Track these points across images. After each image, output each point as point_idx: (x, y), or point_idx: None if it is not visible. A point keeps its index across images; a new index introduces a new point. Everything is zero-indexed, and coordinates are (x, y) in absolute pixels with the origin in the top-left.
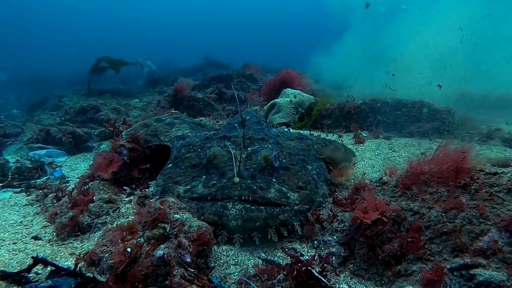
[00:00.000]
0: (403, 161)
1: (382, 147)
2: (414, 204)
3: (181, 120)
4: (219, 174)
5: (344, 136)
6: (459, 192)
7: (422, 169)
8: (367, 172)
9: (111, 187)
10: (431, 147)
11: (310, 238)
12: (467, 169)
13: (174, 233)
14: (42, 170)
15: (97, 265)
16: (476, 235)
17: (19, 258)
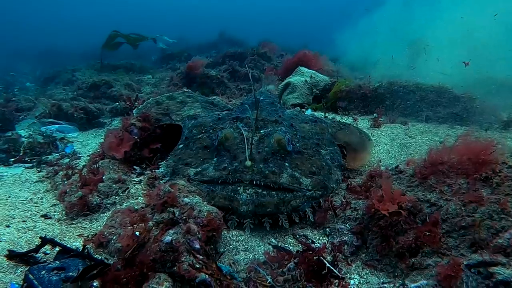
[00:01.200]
0: (419, 148)
1: (398, 132)
2: (432, 195)
3: (194, 99)
4: (231, 157)
5: (360, 120)
6: (480, 185)
7: (441, 159)
8: (382, 158)
9: (121, 166)
10: (449, 134)
11: (322, 225)
12: (489, 161)
13: (183, 218)
14: (54, 146)
15: (105, 247)
16: (496, 231)
17: (27, 237)
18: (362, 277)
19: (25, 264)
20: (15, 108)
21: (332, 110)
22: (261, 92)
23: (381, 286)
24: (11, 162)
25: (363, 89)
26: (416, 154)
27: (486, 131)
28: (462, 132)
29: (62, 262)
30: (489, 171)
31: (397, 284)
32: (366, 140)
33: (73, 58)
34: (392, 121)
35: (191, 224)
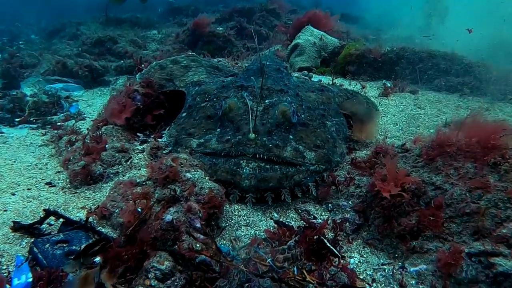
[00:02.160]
0: (428, 120)
1: (407, 102)
2: (437, 178)
3: (198, 63)
4: (234, 128)
5: (368, 87)
6: (488, 171)
7: (449, 141)
8: (390, 130)
9: (125, 133)
10: (459, 105)
11: (324, 200)
12: (499, 146)
13: (184, 195)
14: (59, 105)
15: (108, 219)
16: (500, 221)
17: (32, 206)
18: (362, 256)
19: (30, 236)
20: (20, 64)
21: (341, 74)
22: (267, 57)
23: (381, 267)
24: (16, 122)
25: (373, 53)
26: (424, 127)
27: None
28: (474, 103)
29: (66, 234)
30: (498, 156)
31: (397, 267)
32: (373, 110)
33: (79, 10)
34: (401, 89)
35: (192, 202)
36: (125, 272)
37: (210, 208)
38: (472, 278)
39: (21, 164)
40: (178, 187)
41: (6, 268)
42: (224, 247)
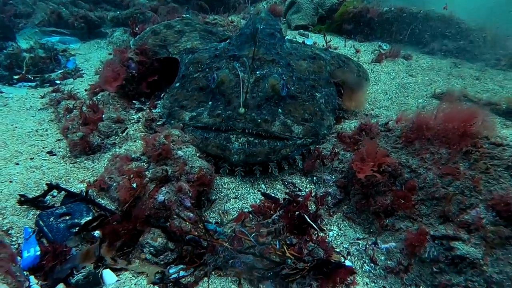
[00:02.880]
0: (418, 89)
1: (399, 69)
2: (413, 161)
3: (192, 27)
4: (225, 101)
5: (362, 51)
6: (460, 158)
7: (427, 125)
8: (379, 99)
9: (121, 100)
10: (451, 73)
11: (310, 173)
12: (472, 134)
13: (175, 175)
14: (56, 60)
15: (106, 191)
16: (464, 207)
17: (36, 177)
18: (341, 229)
19: (35, 208)
20: (13, 13)
21: (337, 32)
22: (261, 19)
23: (356, 241)
24: (15, 80)
25: (371, 12)
26: (413, 97)
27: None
28: (466, 71)
29: (68, 207)
30: (470, 145)
31: (370, 242)
32: (363, 80)
33: None
34: (395, 54)
35: (183, 182)
36: (122, 246)
37: (200, 186)
38: (434, 258)
39: (22, 130)
40: (170, 167)
41: (16, 240)
42: (211, 225)
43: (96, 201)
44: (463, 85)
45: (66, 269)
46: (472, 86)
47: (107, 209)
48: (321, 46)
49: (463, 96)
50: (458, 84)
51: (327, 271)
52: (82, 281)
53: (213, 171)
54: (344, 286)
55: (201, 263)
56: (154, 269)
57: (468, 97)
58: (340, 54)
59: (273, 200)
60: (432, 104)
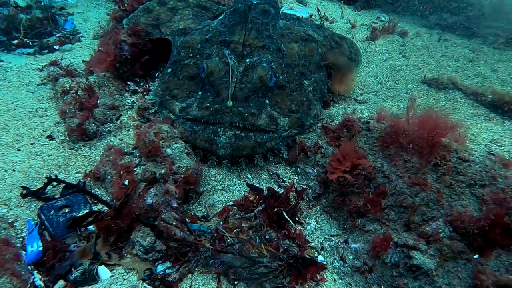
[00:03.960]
0: (409, 73)
1: (392, 49)
2: (387, 167)
3: (185, 3)
4: (214, 92)
5: (358, 25)
6: (429, 169)
7: (403, 131)
8: (369, 83)
9: (116, 82)
10: (445, 54)
11: (294, 164)
12: (443, 146)
13: (163, 176)
14: (54, 21)
15: (102, 181)
16: (427, 219)
17: (37, 166)
18: (318, 223)
19: (37, 199)
20: None
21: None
22: None
23: (330, 237)
24: (14, 47)
25: None
26: (403, 81)
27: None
28: (460, 50)
29: (67, 199)
30: (440, 157)
31: (342, 240)
32: (355, 63)
33: None
34: (391, 29)
35: (170, 185)
36: (116, 241)
37: (186, 185)
38: (395, 263)
39: (22, 110)
40: (158, 169)
41: (20, 233)
42: (195, 225)
43: (93, 191)
44: (455, 68)
45: (66, 266)
46: (465, 69)
47: (103, 200)
48: (317, 20)
49: (451, 83)
50: (450, 66)
51: (300, 267)
52: (79, 278)
53: (200, 170)
54: (314, 282)
55: (185, 260)
56: (144, 266)
57: (456, 85)
58: (334, 34)
59: (258, 191)
60: (421, 90)
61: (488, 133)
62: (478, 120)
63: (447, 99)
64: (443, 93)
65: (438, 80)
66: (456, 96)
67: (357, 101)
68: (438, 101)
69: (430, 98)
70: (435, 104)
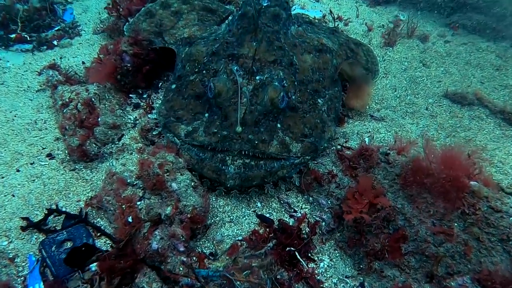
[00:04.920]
0: (429, 85)
1: (412, 57)
2: (408, 209)
3: (190, 6)
4: (222, 116)
5: (375, 25)
6: (455, 216)
7: (427, 170)
8: (387, 97)
9: (117, 94)
10: (469, 61)
11: (306, 191)
12: (471, 191)
13: (169, 217)
14: (52, 11)
15: (105, 211)
16: (452, 273)
17: (37, 190)
18: (332, 260)
19: (38, 231)
20: None
21: None
22: None
23: (344, 279)
24: (11, 42)
25: None
26: (423, 95)
27: None
28: (486, 56)
29: (69, 232)
30: (467, 205)
31: (357, 283)
32: (371, 74)
33: None
34: (410, 33)
35: (176, 228)
36: (120, 283)
37: (193, 224)
38: None
39: (21, 121)
40: (163, 211)
41: (21, 270)
42: (203, 271)
43: (95, 221)
44: (480, 78)
45: None
46: (491, 79)
47: (106, 233)
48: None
49: (476, 99)
50: (475, 77)
51: None
52: None
53: (207, 206)
54: None
55: None
56: None
57: (482, 101)
58: (349, 39)
59: (268, 223)
60: (443, 105)
61: None
62: (506, 142)
63: (471, 117)
64: (467, 110)
65: (462, 95)
66: (482, 114)
67: (373, 117)
68: (461, 119)
69: (453, 116)
70: (458, 123)
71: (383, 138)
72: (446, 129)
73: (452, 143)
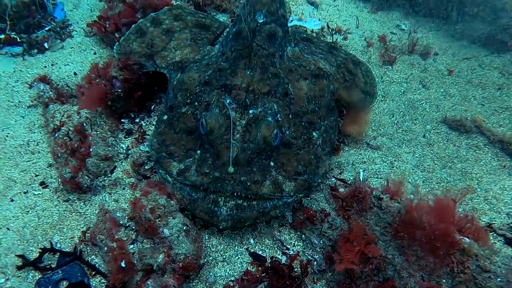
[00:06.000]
0: (428, 109)
1: (412, 77)
2: (398, 260)
3: (182, 23)
4: (214, 154)
5: (375, 39)
6: (444, 273)
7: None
8: (384, 123)
9: (109, 120)
10: (470, 80)
11: (299, 229)
12: (461, 248)
13: (161, 267)
14: (42, 7)
15: (99, 249)
16: None
17: (31, 224)
18: None
19: (34, 269)
20: None
21: None
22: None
23: None
24: (0, 44)
25: None
26: (421, 121)
27: None
28: (488, 74)
29: (64, 271)
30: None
31: None
32: (370, 98)
33: None
34: (412, 47)
35: (168, 278)
36: None
37: (186, 271)
38: None
39: (13, 141)
40: (155, 261)
41: None
42: None
43: (89, 258)
44: (481, 100)
45: None
46: (491, 100)
47: (101, 272)
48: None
49: (475, 126)
50: (475, 98)
51: None
52: None
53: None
54: None
55: None
56: None
57: (480, 129)
58: (347, 58)
59: (260, 261)
60: (441, 132)
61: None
62: (502, 175)
63: (469, 146)
64: (465, 138)
65: (460, 122)
66: (480, 143)
67: (369, 146)
68: (459, 148)
69: (450, 145)
70: (455, 152)
71: (378, 170)
72: (442, 159)
73: (448, 175)
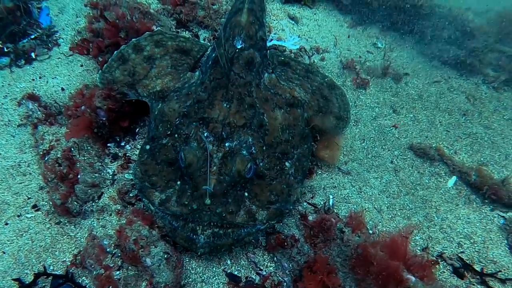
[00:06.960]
0: (397, 135)
1: (384, 102)
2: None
3: (163, 49)
4: (193, 186)
5: (352, 57)
6: None
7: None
8: (355, 148)
9: (95, 145)
10: (438, 106)
11: (272, 251)
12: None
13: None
14: (27, 12)
15: (90, 272)
16: None
17: (25, 247)
18: None
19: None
20: None
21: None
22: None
23: None
24: None
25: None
26: (389, 148)
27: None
28: (455, 99)
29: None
30: None
31: None
32: (343, 124)
33: None
34: (385, 71)
35: None
36: None
37: None
38: None
39: (5, 163)
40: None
41: None
42: None
43: (81, 280)
44: (446, 126)
45: None
46: (456, 127)
47: None
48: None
49: (438, 154)
50: (442, 124)
51: None
52: None
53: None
54: None
55: None
56: None
57: (443, 157)
58: (323, 83)
59: (236, 282)
60: (407, 159)
61: (463, 225)
62: (459, 202)
63: (431, 174)
64: (429, 165)
65: (424, 150)
66: (441, 171)
67: (340, 170)
68: (422, 176)
69: (415, 171)
70: (418, 180)
71: (347, 195)
72: (407, 186)
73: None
